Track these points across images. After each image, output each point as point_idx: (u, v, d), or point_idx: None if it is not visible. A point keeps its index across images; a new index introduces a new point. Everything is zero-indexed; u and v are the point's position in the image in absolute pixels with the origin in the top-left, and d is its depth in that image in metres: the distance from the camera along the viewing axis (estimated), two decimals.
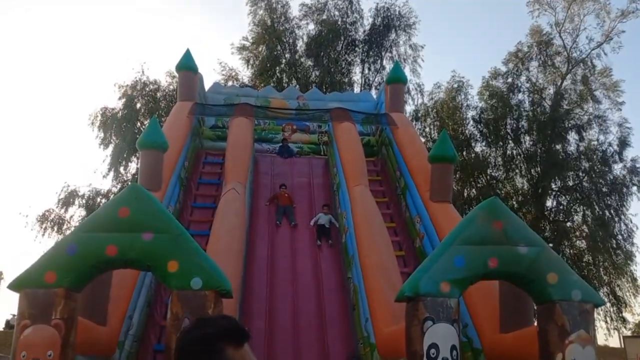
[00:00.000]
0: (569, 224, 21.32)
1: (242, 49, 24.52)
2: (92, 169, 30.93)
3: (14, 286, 4.67)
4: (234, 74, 24.20)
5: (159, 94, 22.66)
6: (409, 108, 23.31)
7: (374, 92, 20.80)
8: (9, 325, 27.98)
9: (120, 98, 21.99)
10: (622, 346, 27.19)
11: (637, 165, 20.55)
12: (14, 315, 17.49)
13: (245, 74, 24.43)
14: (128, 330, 6.81)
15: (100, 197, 20.38)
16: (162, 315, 7.90)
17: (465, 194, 22.08)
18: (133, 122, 21.67)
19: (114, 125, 21.45)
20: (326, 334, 8.46)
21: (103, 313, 5.95)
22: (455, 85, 22.96)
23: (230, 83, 22.36)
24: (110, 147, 21.59)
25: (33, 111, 68.92)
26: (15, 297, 4.67)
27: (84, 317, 5.24)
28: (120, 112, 21.69)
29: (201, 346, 1.33)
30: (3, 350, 17.86)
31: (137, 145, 9.32)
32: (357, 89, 23.82)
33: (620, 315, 20.35)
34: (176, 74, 13.97)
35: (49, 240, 19.68)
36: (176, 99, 13.08)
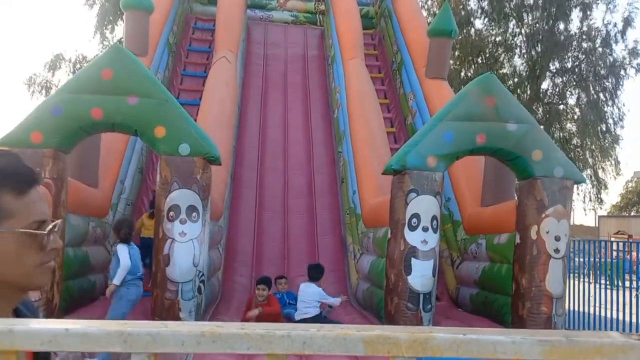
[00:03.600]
0: (562, 106, 21.27)
1: None
2: (78, 34, 29.69)
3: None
4: None
5: None
6: None
7: None
8: None
9: None
10: (597, 225, 28.70)
11: (638, 47, 20.00)
12: None
13: None
14: (120, 194, 6.99)
15: (87, 62, 19.78)
16: (155, 181, 8.06)
17: (463, 74, 21.63)
18: None
19: None
20: (315, 204, 8.77)
21: (94, 177, 6.05)
22: None
23: None
24: (96, 8, 20.51)
25: None
26: None
27: (75, 179, 5.33)
28: None
29: None
30: None
31: (121, 6, 8.83)
32: None
33: (599, 196, 21.21)
34: None
35: (37, 104, 19.48)
36: None
